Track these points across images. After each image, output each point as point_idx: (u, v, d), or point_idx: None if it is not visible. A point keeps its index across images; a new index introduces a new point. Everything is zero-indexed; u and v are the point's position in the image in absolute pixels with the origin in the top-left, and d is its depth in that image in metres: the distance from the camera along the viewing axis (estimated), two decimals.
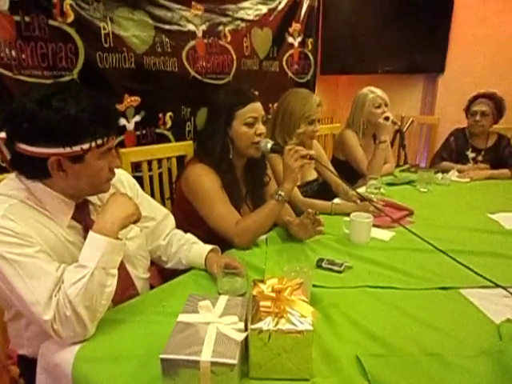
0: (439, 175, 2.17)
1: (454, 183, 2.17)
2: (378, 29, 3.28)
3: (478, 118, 2.35)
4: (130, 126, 2.13)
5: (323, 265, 1.18)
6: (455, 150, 2.53)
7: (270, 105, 3.04)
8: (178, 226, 1.27)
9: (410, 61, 3.25)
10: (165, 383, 0.69)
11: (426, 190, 2.03)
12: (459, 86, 3.13)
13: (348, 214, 1.43)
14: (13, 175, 0.92)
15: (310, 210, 1.30)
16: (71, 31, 1.78)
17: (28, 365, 0.97)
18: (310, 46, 3.32)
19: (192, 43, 2.35)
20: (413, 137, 3.25)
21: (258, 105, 1.39)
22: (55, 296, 0.80)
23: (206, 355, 0.68)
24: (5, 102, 1.57)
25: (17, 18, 1.59)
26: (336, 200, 1.83)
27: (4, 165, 1.58)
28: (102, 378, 0.74)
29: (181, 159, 1.85)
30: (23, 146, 0.83)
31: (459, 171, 2.32)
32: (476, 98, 2.39)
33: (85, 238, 0.92)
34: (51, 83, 1.03)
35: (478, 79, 3.01)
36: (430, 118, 3.30)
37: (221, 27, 2.52)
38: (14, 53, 1.60)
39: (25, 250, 0.81)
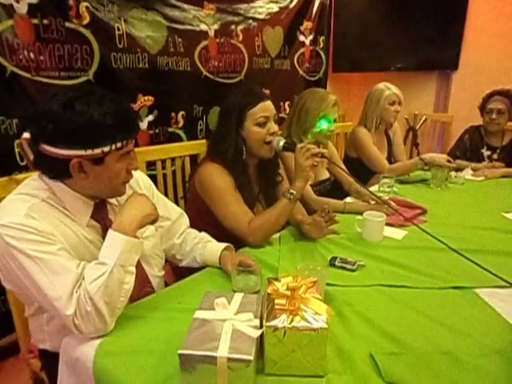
0: (453, 173, 2.15)
1: (468, 182, 2.15)
2: (390, 25, 3.25)
3: (494, 116, 2.32)
4: (144, 125, 2.16)
5: (336, 263, 1.19)
6: (469, 148, 2.50)
7: (282, 103, 3.06)
8: (191, 225, 1.29)
9: (423, 57, 3.22)
10: (182, 378, 0.71)
11: (439, 188, 2.02)
12: (473, 83, 3.09)
13: (361, 213, 1.43)
14: (35, 175, 0.95)
15: (325, 206, 1.30)
16: (87, 33, 1.82)
17: (49, 358, 1.00)
18: (321, 44, 3.31)
19: (204, 43, 2.37)
20: (426, 135, 3.23)
21: (268, 103, 1.39)
22: (76, 292, 0.83)
23: (222, 351, 0.69)
24: (23, 102, 1.61)
25: (35, 21, 1.64)
26: (348, 199, 1.83)
27: (23, 163, 1.64)
28: (122, 372, 0.76)
29: (194, 158, 1.87)
30: (46, 147, 0.85)
31: (474, 170, 2.29)
32: (491, 95, 2.36)
33: (103, 236, 0.95)
34: (76, 88, 1.06)
35: (493, 76, 2.96)
36: (444, 116, 3.27)
37: (233, 26, 2.53)
38: (32, 55, 1.64)
39: (47, 247, 0.84)
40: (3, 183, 1.13)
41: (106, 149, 0.87)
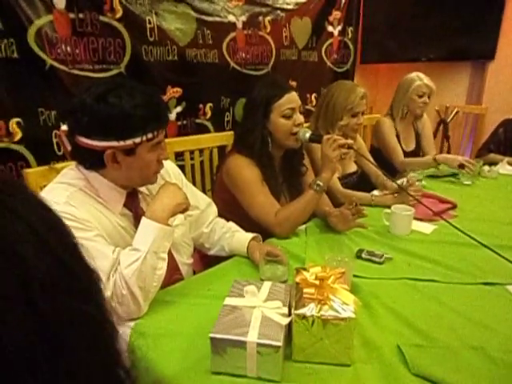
0: (486, 168, 2.09)
1: (501, 176, 2.08)
2: (422, 13, 3.13)
3: None
4: (172, 117, 2.20)
5: (363, 256, 1.19)
6: (504, 141, 2.41)
7: (308, 95, 3.03)
8: (218, 216, 1.32)
9: (456, 47, 3.09)
10: (213, 360, 0.74)
11: (470, 182, 1.96)
12: (511, 74, 2.96)
13: (388, 206, 1.42)
14: (73, 165, 0.99)
15: (353, 199, 1.30)
16: (119, 26, 1.86)
17: None
18: (350, 35, 3.25)
19: (232, 35, 2.38)
20: (457, 127, 3.13)
21: (293, 95, 1.39)
22: (113, 276, 0.87)
23: (252, 336, 0.72)
24: (61, 94, 1.68)
25: (72, 15, 1.69)
26: (375, 192, 1.81)
27: (61, 153, 1.72)
28: (156, 352, 0.80)
29: (222, 149, 1.90)
30: (82, 139, 0.90)
31: (511, 164, 2.21)
32: None
33: (135, 224, 0.99)
34: (108, 80, 1.11)
35: None
36: (477, 108, 3.15)
37: (260, 18, 2.52)
38: (69, 48, 1.70)
39: (85, 233, 0.89)
40: (44, 172, 1.19)
41: (138, 140, 0.90)
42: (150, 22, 1.97)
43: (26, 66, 1.59)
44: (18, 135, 1.62)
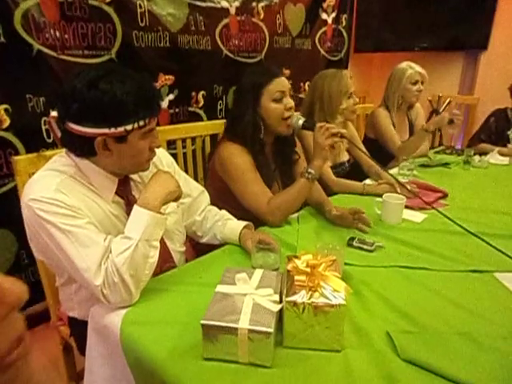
0: (476, 157, 2.11)
1: (491, 166, 2.10)
2: (416, 2, 3.12)
3: None
4: (164, 105, 2.17)
5: (354, 243, 1.20)
6: (495, 131, 2.43)
7: (302, 84, 3.01)
8: (211, 203, 1.32)
9: (450, 36, 3.09)
10: (205, 347, 0.75)
11: (461, 171, 1.98)
12: (504, 64, 2.96)
13: (380, 195, 1.43)
14: (63, 152, 0.98)
15: (358, 209, 1.29)
16: (110, 10, 1.81)
17: (77, 326, 1.06)
18: (344, 23, 3.22)
19: (225, 21, 2.34)
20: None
21: (283, 79, 1.39)
22: (104, 264, 0.87)
23: (243, 323, 0.72)
24: (50, 80, 1.64)
25: None
26: (367, 181, 1.82)
27: (50, 140, 1.69)
28: (148, 339, 0.80)
29: (214, 137, 1.89)
30: (72, 126, 0.88)
31: (501, 154, 2.23)
32: None
33: (127, 212, 0.98)
34: (99, 66, 1.08)
35: None
36: (469, 98, 3.16)
37: (254, 3, 2.49)
38: (57, 33, 1.66)
39: (76, 221, 0.88)
40: (33, 159, 1.17)
41: (129, 127, 0.89)
42: (140, 7, 1.92)
43: (13, 51, 1.55)
44: (6, 122, 1.59)
